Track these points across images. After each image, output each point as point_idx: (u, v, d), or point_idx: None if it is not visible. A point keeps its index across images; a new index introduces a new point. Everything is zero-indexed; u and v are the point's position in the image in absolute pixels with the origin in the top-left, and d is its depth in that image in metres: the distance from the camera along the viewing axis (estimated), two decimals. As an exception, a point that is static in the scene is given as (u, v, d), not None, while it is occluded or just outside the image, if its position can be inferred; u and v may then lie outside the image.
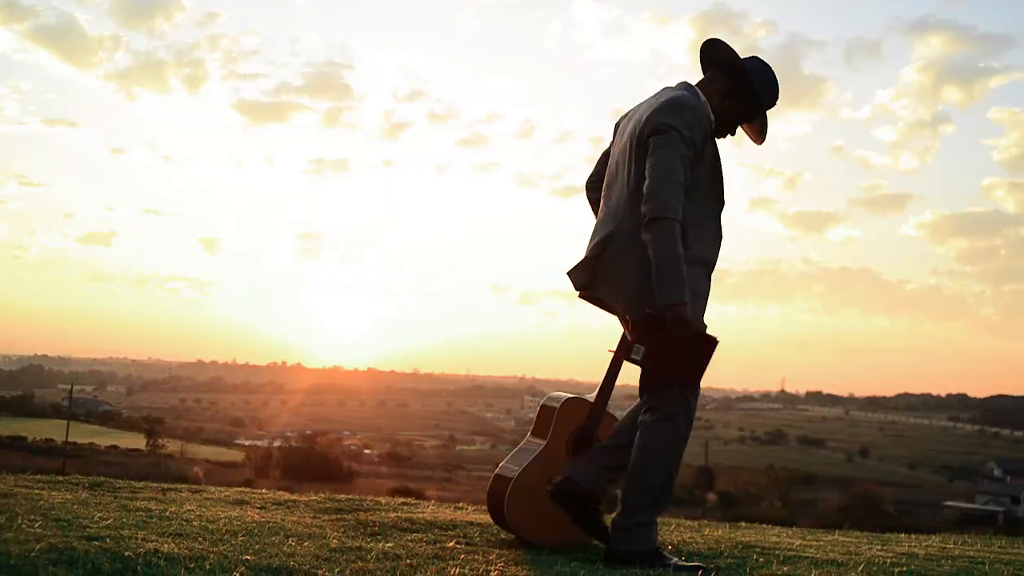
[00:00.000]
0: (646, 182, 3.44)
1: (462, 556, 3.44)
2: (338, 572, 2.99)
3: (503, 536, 4.03)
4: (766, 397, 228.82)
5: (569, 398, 3.99)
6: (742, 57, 3.78)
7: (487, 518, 4.65)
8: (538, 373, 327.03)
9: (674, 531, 4.79)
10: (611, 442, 3.78)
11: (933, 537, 5.97)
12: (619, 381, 3.94)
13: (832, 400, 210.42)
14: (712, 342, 3.48)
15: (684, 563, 3.58)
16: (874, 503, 55.19)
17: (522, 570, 3.23)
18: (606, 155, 3.99)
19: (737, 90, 3.74)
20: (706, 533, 4.79)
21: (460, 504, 5.45)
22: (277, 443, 70.63)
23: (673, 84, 3.81)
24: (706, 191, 3.62)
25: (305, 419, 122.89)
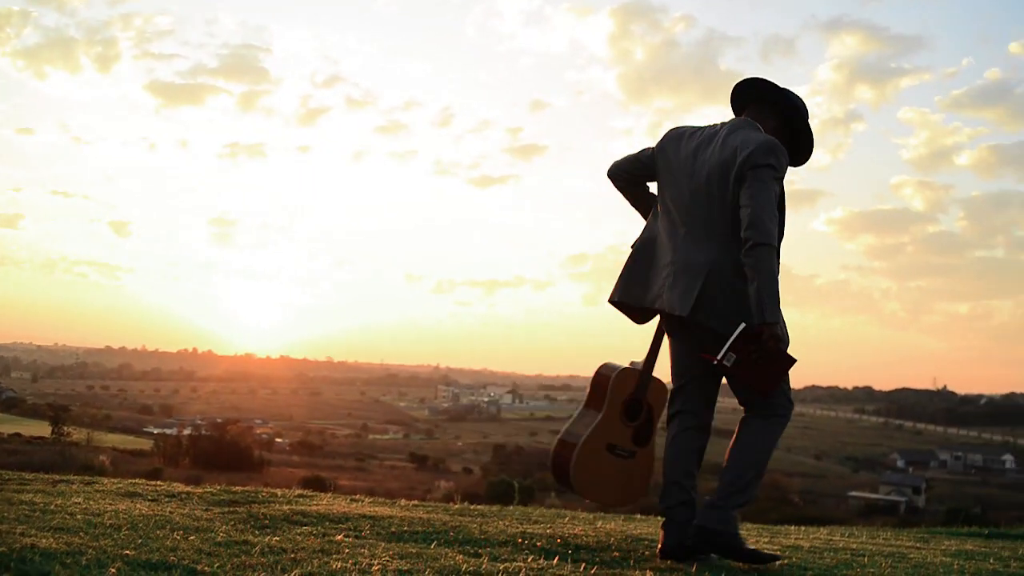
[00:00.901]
0: (748, 210, 3.71)
1: (347, 550, 3.43)
2: (218, 567, 2.96)
3: (393, 529, 4.03)
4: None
5: (622, 369, 4.26)
6: (782, 93, 4.06)
7: (381, 510, 4.67)
8: (452, 362, 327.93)
9: (567, 523, 4.84)
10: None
11: (821, 529, 6.13)
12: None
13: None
14: (791, 361, 3.81)
15: (761, 551, 3.96)
16: (781, 493, 56.14)
17: (406, 563, 3.23)
18: (647, 158, 4.17)
19: (786, 128, 4.09)
20: (599, 526, 4.84)
21: (356, 496, 5.44)
22: (187, 431, 69.58)
23: (735, 119, 4.06)
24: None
25: (216, 407, 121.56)
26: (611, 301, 4.16)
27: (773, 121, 4.04)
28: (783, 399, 3.97)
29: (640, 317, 4.18)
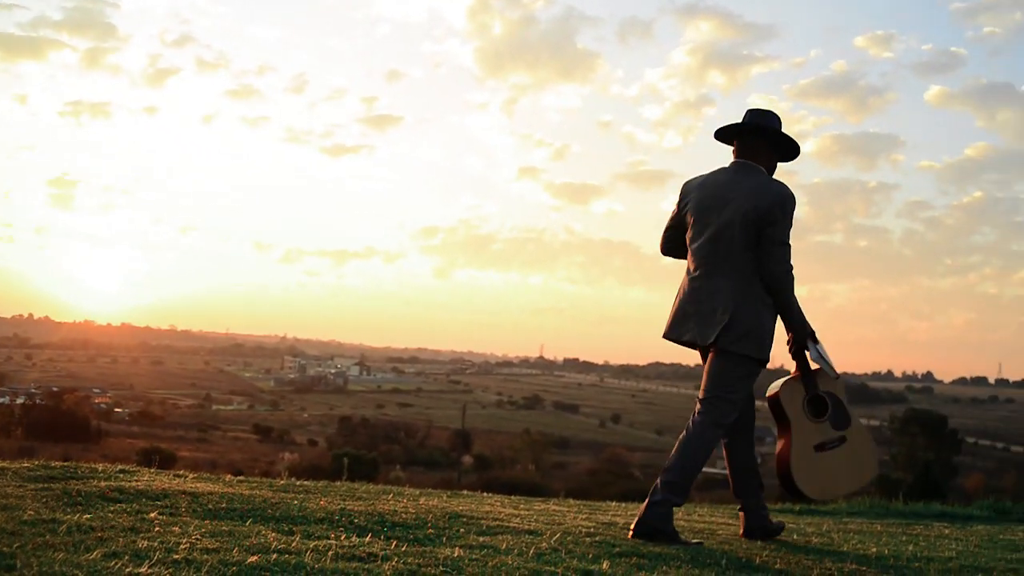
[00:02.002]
0: (770, 272, 4.45)
1: (158, 528, 3.41)
2: (18, 547, 2.91)
3: (211, 506, 4.01)
4: (525, 363, 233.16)
5: (784, 381, 4.74)
6: (761, 119, 4.66)
7: (203, 487, 4.64)
8: (299, 333, 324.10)
9: (390, 500, 4.88)
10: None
11: (641, 505, 6.31)
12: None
13: (588, 367, 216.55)
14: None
15: (692, 541, 4.37)
16: (623, 467, 57.46)
17: (215, 541, 3.23)
18: (673, 221, 4.77)
19: (776, 149, 4.70)
20: (421, 503, 4.89)
21: (180, 472, 5.39)
22: (20, 400, 67.34)
23: (736, 162, 4.65)
24: None
25: (53, 375, 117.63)
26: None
27: (764, 147, 4.64)
28: (730, 408, 4.54)
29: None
